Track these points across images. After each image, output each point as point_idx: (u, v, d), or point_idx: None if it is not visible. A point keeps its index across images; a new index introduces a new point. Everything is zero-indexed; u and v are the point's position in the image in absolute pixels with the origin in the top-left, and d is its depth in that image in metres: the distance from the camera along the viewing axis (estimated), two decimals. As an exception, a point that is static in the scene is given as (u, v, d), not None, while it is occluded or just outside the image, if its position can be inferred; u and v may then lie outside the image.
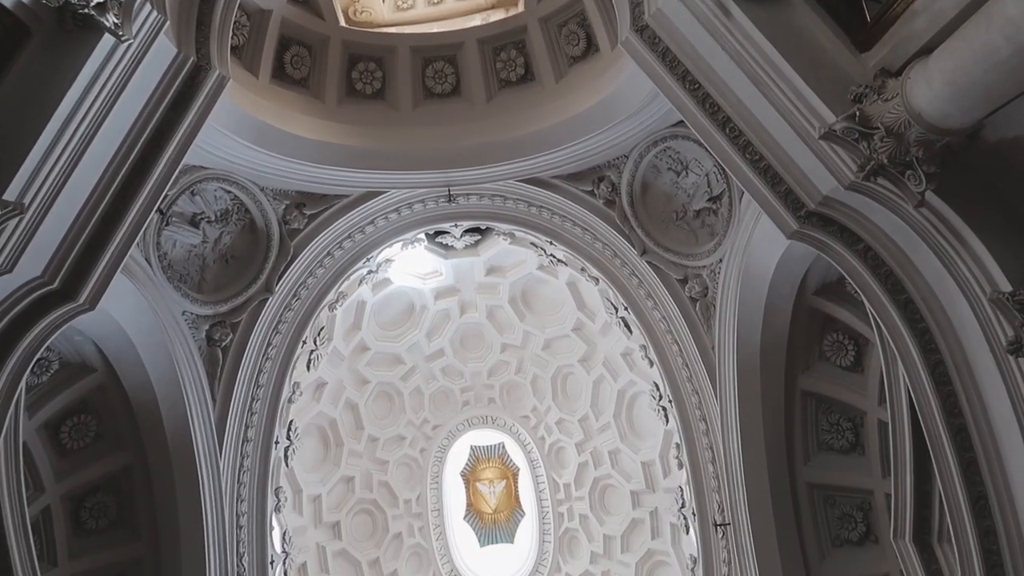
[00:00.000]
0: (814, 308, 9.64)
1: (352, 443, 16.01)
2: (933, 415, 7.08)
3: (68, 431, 9.81)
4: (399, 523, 16.72)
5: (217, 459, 10.74)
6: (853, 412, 9.66)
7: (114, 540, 10.09)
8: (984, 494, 6.92)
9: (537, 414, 16.75)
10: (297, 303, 11.88)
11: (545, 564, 16.68)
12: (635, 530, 15.26)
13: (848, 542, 9.80)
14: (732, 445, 10.29)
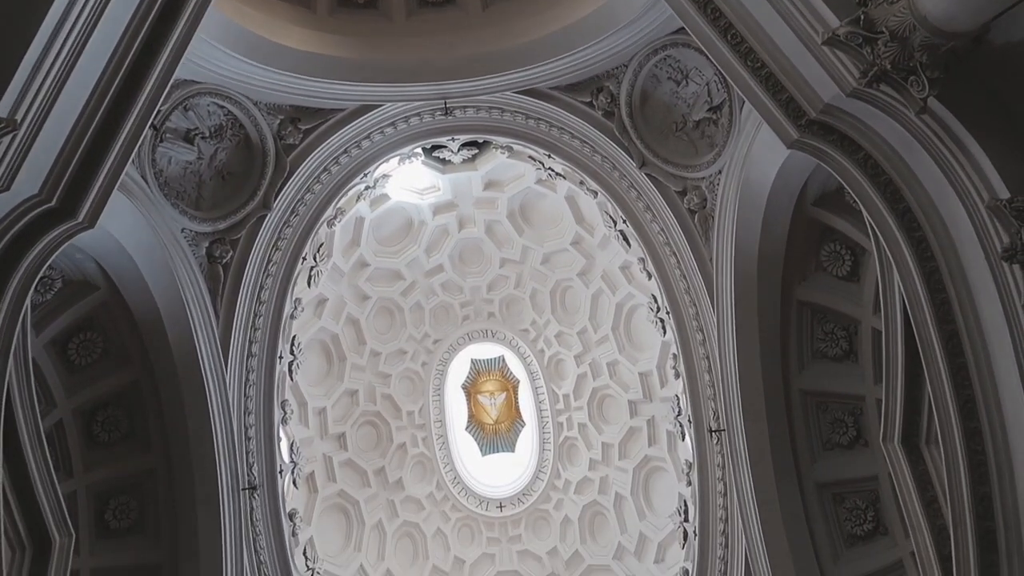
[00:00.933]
0: (812, 218, 9.67)
1: (355, 357, 16.28)
2: (926, 322, 7.21)
3: (75, 348, 9.97)
4: (403, 434, 17.17)
5: (223, 374, 10.95)
6: (848, 321, 9.82)
7: (126, 452, 10.40)
8: (972, 398, 7.12)
9: (536, 327, 16.98)
10: (295, 220, 11.87)
11: (545, 471, 17.23)
12: (632, 438, 15.70)
13: (839, 446, 10.11)
14: (728, 354, 10.49)
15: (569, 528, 16.58)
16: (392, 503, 16.54)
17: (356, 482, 16.19)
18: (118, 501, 10.17)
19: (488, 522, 17.07)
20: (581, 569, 16.15)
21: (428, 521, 16.83)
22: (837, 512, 9.92)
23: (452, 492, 17.22)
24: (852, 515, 9.78)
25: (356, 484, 16.15)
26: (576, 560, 16.27)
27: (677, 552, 13.52)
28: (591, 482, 16.44)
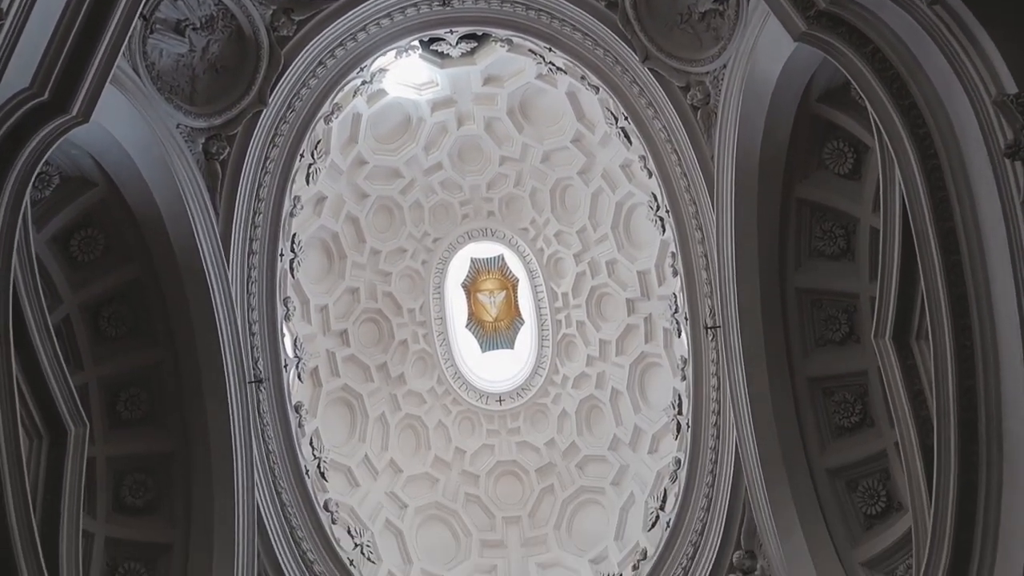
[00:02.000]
0: (816, 115, 9.54)
1: (355, 256, 16.38)
2: (924, 218, 7.24)
3: (77, 244, 10.03)
4: (404, 331, 17.47)
5: (225, 271, 11.05)
6: (847, 219, 9.84)
7: (134, 346, 10.61)
8: (964, 294, 7.21)
9: (536, 226, 17.00)
10: (292, 115, 11.70)
11: (544, 367, 17.63)
12: (629, 335, 16.00)
13: (831, 342, 10.32)
14: (726, 252, 10.56)
15: (566, 421, 17.12)
16: (394, 397, 17.01)
17: (359, 377, 16.60)
18: (128, 393, 10.45)
19: (488, 415, 17.60)
20: (577, 459, 16.78)
21: (429, 414, 17.35)
22: (826, 405, 10.23)
23: (453, 387, 17.68)
24: (840, 408, 10.09)
25: (359, 379, 16.57)
26: (572, 451, 16.88)
27: (670, 443, 14.01)
28: (588, 377, 16.86)
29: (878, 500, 9.62)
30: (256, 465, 11.18)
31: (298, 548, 11.74)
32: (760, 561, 10.71)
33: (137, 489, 10.33)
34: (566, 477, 16.76)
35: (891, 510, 9.57)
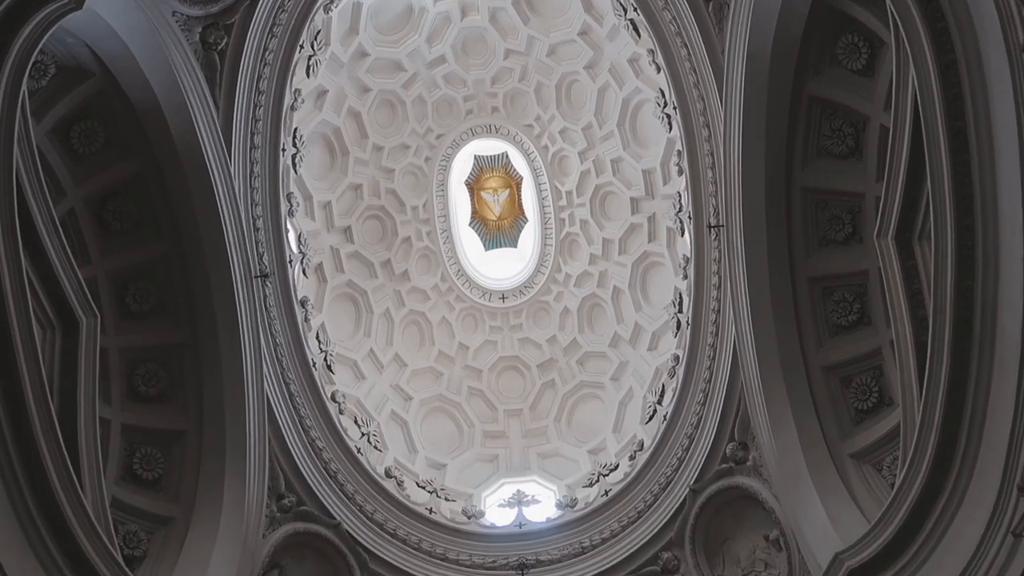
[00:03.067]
0: (831, 7, 9.22)
1: (357, 152, 16.22)
2: (936, 116, 7.12)
3: (77, 136, 9.92)
4: (407, 228, 17.50)
5: (227, 165, 10.98)
6: (857, 117, 9.67)
7: (139, 240, 10.64)
8: (970, 194, 7.18)
9: (541, 123, 16.74)
10: (290, 3, 11.35)
11: (546, 265, 17.75)
12: (633, 234, 16.03)
13: (833, 242, 10.34)
14: (733, 151, 10.44)
15: (568, 318, 17.38)
16: (398, 293, 17.22)
17: (363, 273, 16.75)
18: (136, 286, 10.57)
19: (491, 312, 17.85)
20: (578, 355, 17.13)
21: (433, 311, 17.60)
22: (825, 304, 10.35)
23: (456, 284, 17.85)
24: (839, 307, 10.21)
25: (363, 275, 16.73)
26: (574, 347, 17.22)
27: (670, 340, 14.28)
28: (590, 276, 17.00)
29: (870, 396, 9.89)
30: (264, 357, 11.45)
31: (307, 436, 12.17)
32: (752, 452, 11.12)
33: (150, 379, 10.61)
34: (567, 372, 17.17)
35: (882, 405, 9.85)
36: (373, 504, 12.65)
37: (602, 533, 12.63)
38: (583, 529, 12.83)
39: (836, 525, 9.23)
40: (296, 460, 11.74)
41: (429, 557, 12.57)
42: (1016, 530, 6.81)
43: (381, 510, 12.67)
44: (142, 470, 10.26)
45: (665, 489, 12.25)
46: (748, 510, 11.18)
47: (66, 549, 7.92)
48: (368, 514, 12.47)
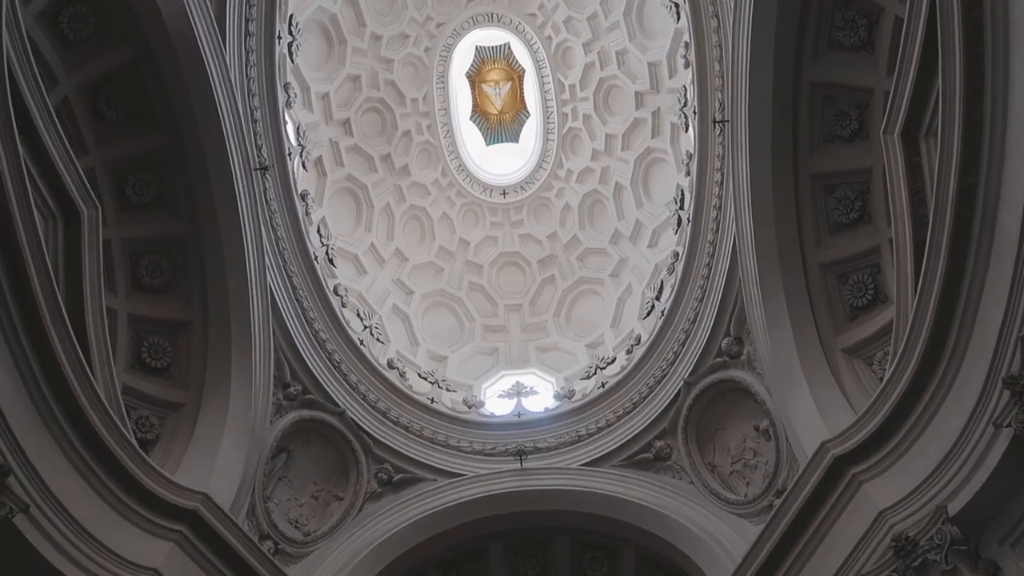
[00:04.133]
0: None
1: (355, 41, 15.77)
2: (952, 7, 6.89)
3: (67, 21, 9.59)
4: (407, 121, 17.23)
5: (222, 54, 10.70)
6: (871, 8, 9.36)
7: (136, 130, 10.49)
8: (981, 89, 7.03)
9: (544, 12, 16.19)
10: None
11: (548, 161, 17.58)
12: (636, 129, 15.79)
13: (839, 139, 10.21)
14: (741, 42, 10.15)
15: (569, 215, 17.36)
16: (399, 188, 17.13)
17: (363, 167, 16.61)
18: (136, 177, 10.50)
19: (492, 208, 17.82)
20: (578, 252, 17.22)
21: (434, 206, 17.56)
22: (826, 201, 10.32)
23: (457, 179, 17.74)
24: (840, 204, 10.19)
25: (363, 169, 16.59)
26: (574, 243, 17.28)
27: (670, 237, 14.32)
28: (592, 172, 16.86)
29: (865, 293, 10.01)
30: (266, 250, 11.52)
31: (311, 328, 12.40)
32: (746, 347, 11.35)
33: (153, 270, 10.70)
34: (566, 268, 17.30)
35: (877, 302, 9.98)
36: (376, 393, 13.03)
37: (598, 423, 13.06)
38: (579, 419, 13.26)
39: (824, 416, 9.53)
40: (300, 350, 12.00)
41: (431, 444, 13.04)
42: (997, 421, 7.04)
43: (384, 399, 13.06)
44: (150, 359, 10.51)
45: (660, 382, 12.58)
46: (740, 402, 11.52)
47: (82, 432, 8.23)
48: (372, 403, 12.85)
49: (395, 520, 11.86)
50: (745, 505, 11.01)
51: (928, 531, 7.49)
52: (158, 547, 8.62)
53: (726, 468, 11.63)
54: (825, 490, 8.87)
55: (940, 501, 7.59)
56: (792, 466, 10.29)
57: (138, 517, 8.68)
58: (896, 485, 8.16)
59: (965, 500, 7.39)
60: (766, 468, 10.89)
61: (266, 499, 11.09)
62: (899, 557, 7.55)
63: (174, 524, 8.89)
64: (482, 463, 12.92)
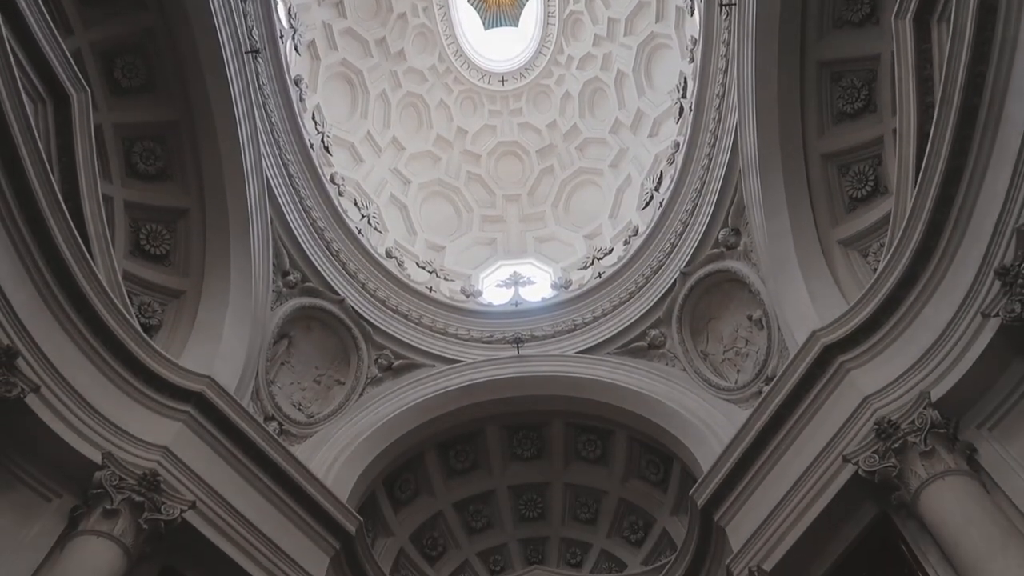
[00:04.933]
0: None
1: (347, -86, 14.99)
2: None
3: None
4: (402, 3, 16.61)
5: (208, -73, 10.17)
6: None
7: (121, 7, 10.09)
8: (997, -30, 6.78)
9: None
10: None
11: (548, 46, 17.07)
12: (640, 13, 15.25)
13: (849, 23, 9.87)
14: (752, -82, 9.67)
15: (569, 103, 17.01)
16: (395, 74, 16.69)
17: (358, 52, 16.12)
18: (124, 60, 10.19)
19: (490, 95, 17.44)
20: (578, 141, 16.98)
21: (431, 92, 17.17)
22: (832, 90, 10.09)
23: (454, 65, 17.27)
24: (846, 93, 9.97)
25: (358, 54, 16.11)
26: (573, 133, 17.02)
27: (671, 127, 14.11)
28: (593, 58, 16.41)
29: (866, 184, 9.95)
30: (261, 137, 11.34)
31: (308, 216, 12.38)
32: (743, 238, 11.39)
33: (147, 156, 10.56)
34: (566, 158, 17.11)
35: (876, 194, 9.94)
36: (375, 282, 13.16)
37: (594, 312, 13.27)
38: (576, 308, 13.47)
39: (817, 306, 9.67)
40: (298, 238, 12.03)
41: (430, 331, 13.29)
42: (985, 311, 7.17)
43: (383, 288, 13.21)
44: (149, 246, 10.54)
45: (656, 272, 12.70)
46: (734, 292, 11.66)
47: (86, 316, 8.38)
48: (371, 291, 13.00)
49: (395, 403, 12.25)
50: (735, 391, 11.34)
51: (910, 415, 7.76)
52: (167, 427, 8.92)
53: (718, 356, 11.91)
54: (813, 376, 9.10)
55: (924, 388, 7.83)
56: (782, 354, 10.52)
57: (146, 399, 8.95)
58: (882, 372, 8.38)
59: (948, 387, 7.62)
60: (757, 356, 11.14)
61: (269, 383, 11.39)
62: (880, 439, 7.84)
63: (181, 405, 9.17)
64: (480, 350, 13.22)
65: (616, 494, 13.45)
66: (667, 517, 13.04)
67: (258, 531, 9.20)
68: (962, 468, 7.30)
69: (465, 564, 13.75)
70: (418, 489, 13.33)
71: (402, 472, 13.07)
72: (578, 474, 13.54)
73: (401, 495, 13.22)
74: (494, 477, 13.58)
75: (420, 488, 13.34)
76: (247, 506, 9.27)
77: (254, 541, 9.09)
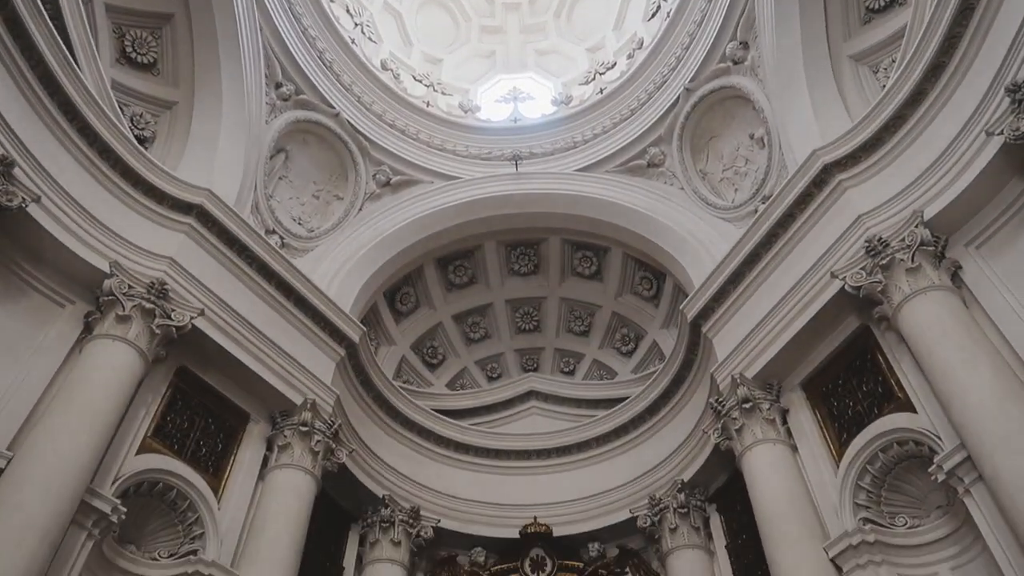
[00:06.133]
0: None
1: None
2: None
3: None
4: None
5: None
6: None
7: None
8: None
9: None
10: None
11: None
12: None
13: None
14: None
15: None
16: None
17: None
18: None
19: None
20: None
21: None
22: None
23: None
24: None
25: None
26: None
27: None
28: None
29: (886, -7, 9.47)
30: (244, -67, 10.59)
31: (299, 24, 11.82)
32: (752, 52, 10.96)
33: (124, -46, 9.94)
34: (570, -37, 16.07)
35: (894, 4, 9.48)
36: (371, 96, 12.82)
37: (594, 129, 13.07)
38: (576, 125, 13.25)
39: (820, 124, 9.52)
40: (290, 47, 11.56)
41: (427, 147, 13.14)
42: (990, 129, 7.08)
43: (379, 101, 12.89)
44: (135, 53, 10.17)
45: (660, 88, 12.36)
46: (738, 110, 11.41)
47: (79, 126, 8.28)
48: (366, 105, 12.70)
49: (394, 219, 12.37)
50: (731, 210, 11.41)
51: (901, 233, 7.88)
52: (170, 238, 9.06)
53: (717, 175, 11.87)
54: (810, 195, 9.14)
55: (918, 207, 7.89)
56: (781, 174, 10.49)
57: (147, 210, 9.03)
58: (879, 191, 8.41)
59: (942, 205, 7.68)
60: (756, 175, 11.11)
61: (268, 197, 11.42)
62: (870, 256, 8.01)
63: (182, 217, 9.27)
64: (478, 167, 13.15)
65: (609, 308, 13.95)
66: (657, 330, 13.61)
67: (266, 338, 9.62)
68: (945, 284, 7.52)
69: (464, 371, 14.52)
70: (418, 302, 13.80)
71: (402, 286, 13.47)
72: (573, 289, 13.97)
73: (402, 307, 13.71)
74: (492, 291, 14.00)
75: (420, 301, 13.80)
76: (254, 315, 9.63)
77: (263, 347, 9.53)
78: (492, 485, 11.94)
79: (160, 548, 8.00)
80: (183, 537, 8.14)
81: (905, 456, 7.65)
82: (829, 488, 8.19)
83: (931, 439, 7.27)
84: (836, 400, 8.57)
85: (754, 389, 9.24)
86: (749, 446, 8.98)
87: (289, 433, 9.43)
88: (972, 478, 6.61)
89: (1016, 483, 5.97)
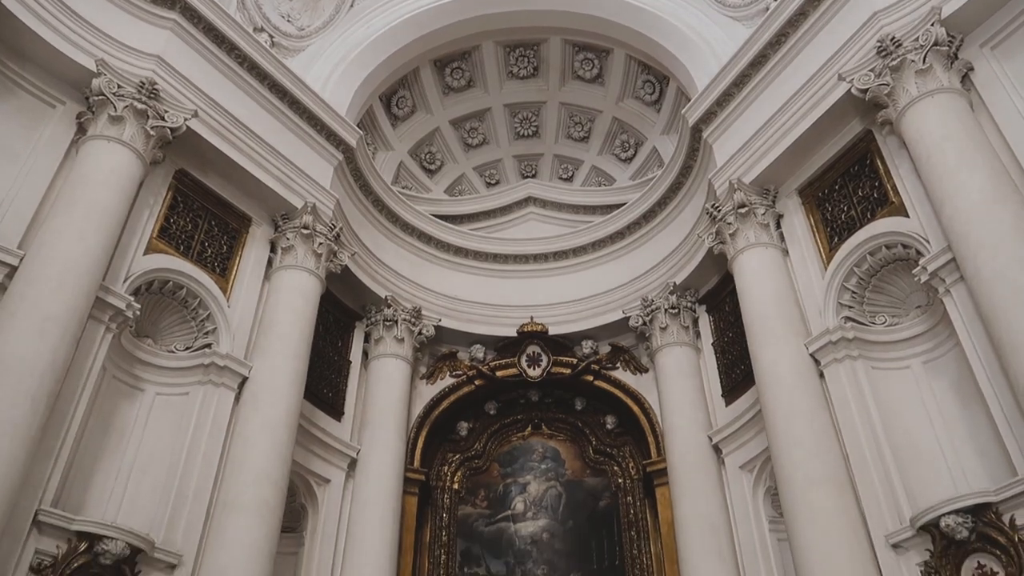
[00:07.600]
0: None
1: None
2: None
3: None
4: None
5: None
6: None
7: None
8: None
9: None
10: None
11: None
12: None
13: None
14: None
15: None
16: None
17: None
18: None
19: None
20: None
21: None
22: None
23: None
24: None
25: None
26: None
27: None
28: None
29: None
30: None
31: None
32: None
33: None
34: None
35: None
36: None
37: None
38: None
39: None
40: None
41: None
42: None
43: None
44: None
45: None
46: None
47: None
48: None
49: (389, 16, 11.79)
50: (741, 8, 10.87)
51: (915, 32, 7.59)
52: (155, 34, 8.72)
53: (728, -29, 11.17)
54: (825, -9, 8.69)
55: (936, 3, 7.54)
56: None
57: (129, 5, 8.66)
58: (898, -13, 7.99)
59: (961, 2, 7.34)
60: (769, -29, 10.47)
61: (254, -9, 10.83)
62: (880, 56, 7.75)
63: (166, 12, 8.87)
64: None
65: (610, 113, 13.69)
66: (658, 136, 13.45)
67: (263, 141, 9.53)
68: (954, 86, 7.35)
69: (462, 177, 14.51)
70: (415, 106, 13.51)
71: (398, 89, 13.12)
72: (574, 93, 13.62)
73: (399, 111, 13.45)
74: (490, 95, 13.66)
75: (417, 105, 13.51)
76: (249, 118, 9.48)
77: (260, 151, 9.47)
78: (491, 287, 12.35)
79: (176, 342, 8.44)
80: (197, 332, 8.55)
81: (892, 259, 7.86)
82: (816, 290, 8.48)
83: (919, 242, 7.44)
84: (831, 205, 8.65)
85: (751, 194, 9.30)
86: (742, 249, 9.18)
87: (291, 235, 9.61)
88: (954, 278, 6.84)
89: (994, 281, 6.19)
